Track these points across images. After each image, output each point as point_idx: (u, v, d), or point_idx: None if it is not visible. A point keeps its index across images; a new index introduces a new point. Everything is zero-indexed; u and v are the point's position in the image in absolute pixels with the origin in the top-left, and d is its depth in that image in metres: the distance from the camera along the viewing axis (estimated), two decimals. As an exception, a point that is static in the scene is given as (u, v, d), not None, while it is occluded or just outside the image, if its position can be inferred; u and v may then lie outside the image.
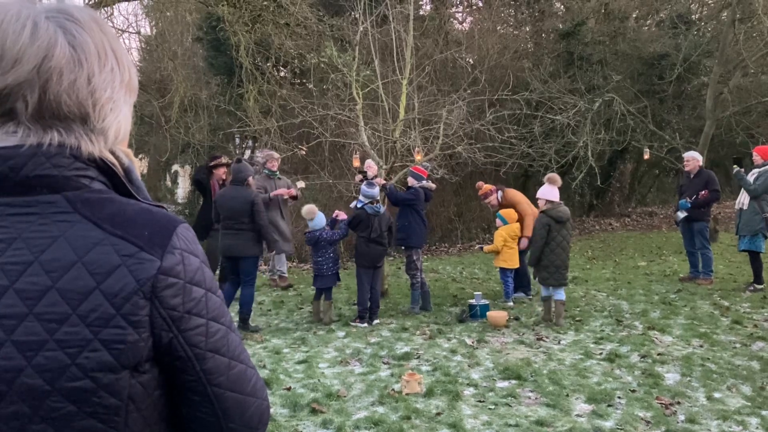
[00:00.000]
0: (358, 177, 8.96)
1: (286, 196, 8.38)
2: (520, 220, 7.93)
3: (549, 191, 6.88)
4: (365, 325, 6.90)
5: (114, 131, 0.97)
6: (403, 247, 7.98)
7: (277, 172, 8.66)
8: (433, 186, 8.03)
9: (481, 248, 8.48)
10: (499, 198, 8.18)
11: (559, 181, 7.14)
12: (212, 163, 8.05)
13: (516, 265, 7.86)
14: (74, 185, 0.92)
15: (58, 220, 0.90)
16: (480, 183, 8.43)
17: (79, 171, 0.93)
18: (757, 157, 8.39)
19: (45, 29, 0.89)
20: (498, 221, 8.02)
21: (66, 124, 0.92)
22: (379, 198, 7.17)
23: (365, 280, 7.04)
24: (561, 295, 6.84)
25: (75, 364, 0.86)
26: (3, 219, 0.90)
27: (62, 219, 0.90)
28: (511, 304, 7.77)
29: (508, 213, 7.94)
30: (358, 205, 7.16)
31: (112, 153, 0.98)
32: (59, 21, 0.91)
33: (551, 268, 6.72)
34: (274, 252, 8.74)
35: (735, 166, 8.82)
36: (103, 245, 0.89)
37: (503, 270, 7.94)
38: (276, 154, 8.74)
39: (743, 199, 8.32)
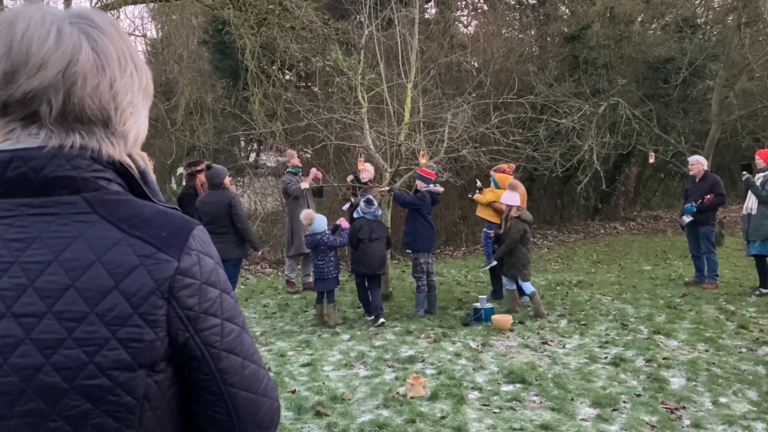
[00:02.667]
0: (350, 178, 9.00)
1: (311, 179, 8.74)
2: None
3: (513, 197, 7.37)
4: (372, 317, 7.11)
5: (134, 135, 0.99)
6: (409, 251, 8.00)
7: (301, 169, 9.08)
8: (441, 189, 8.02)
9: (477, 190, 8.47)
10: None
11: (521, 187, 7.74)
12: (197, 168, 8.00)
13: (498, 221, 7.96)
14: (93, 186, 0.94)
15: (77, 220, 0.91)
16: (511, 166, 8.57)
17: (97, 173, 0.94)
18: (759, 161, 8.34)
19: (69, 35, 0.91)
20: (492, 183, 8.25)
21: (88, 127, 0.93)
22: (379, 212, 7.33)
23: (362, 284, 7.28)
24: (531, 288, 7.41)
25: (93, 362, 0.88)
26: (23, 219, 0.91)
27: (81, 219, 0.92)
28: (494, 263, 7.90)
29: (502, 178, 8.08)
30: (356, 216, 7.33)
31: (129, 156, 1.00)
32: (82, 27, 0.93)
33: (526, 264, 7.36)
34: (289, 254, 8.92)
35: (744, 172, 8.69)
36: (121, 245, 0.91)
37: (489, 225, 8.14)
38: (295, 153, 9.14)
39: (751, 203, 8.27)
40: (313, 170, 9.08)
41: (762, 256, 8.22)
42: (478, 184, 8.53)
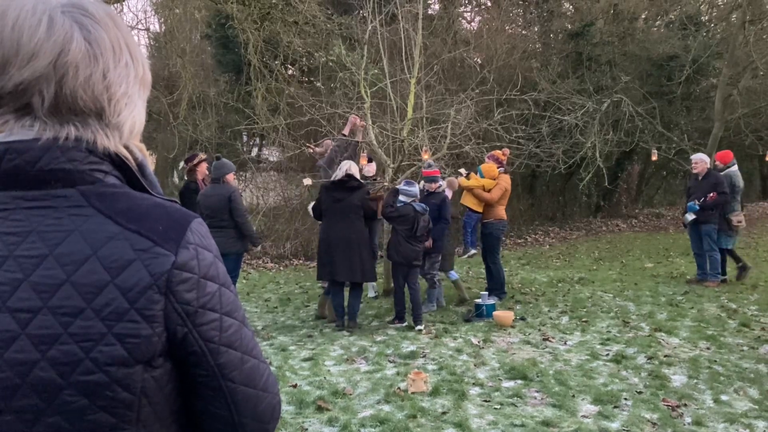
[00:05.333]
0: (365, 160, 8.60)
1: (350, 127, 8.05)
2: (487, 190, 7.99)
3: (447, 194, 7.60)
4: (404, 324, 6.83)
5: (129, 126, 0.97)
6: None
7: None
8: (444, 185, 7.97)
9: (462, 175, 8.38)
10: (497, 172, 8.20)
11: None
12: (194, 163, 7.88)
13: (480, 210, 8.01)
14: (88, 179, 0.92)
15: (73, 213, 0.90)
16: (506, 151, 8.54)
17: (93, 165, 0.93)
18: (718, 164, 8.95)
19: (61, 24, 0.89)
20: (477, 174, 8.26)
21: (82, 118, 0.92)
22: (418, 196, 6.94)
23: (400, 278, 6.85)
24: (455, 275, 7.97)
25: (89, 357, 0.86)
26: (18, 212, 0.90)
27: (77, 213, 0.90)
28: (473, 251, 8.15)
29: (488, 168, 8.08)
30: (398, 204, 6.86)
31: (126, 148, 0.98)
32: (75, 16, 0.91)
33: (449, 255, 7.73)
34: None
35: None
36: (117, 239, 0.89)
37: (468, 214, 8.13)
38: (332, 144, 8.36)
39: None
40: (352, 118, 8.23)
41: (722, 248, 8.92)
42: (463, 171, 8.47)
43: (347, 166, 6.76)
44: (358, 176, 6.78)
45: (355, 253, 6.57)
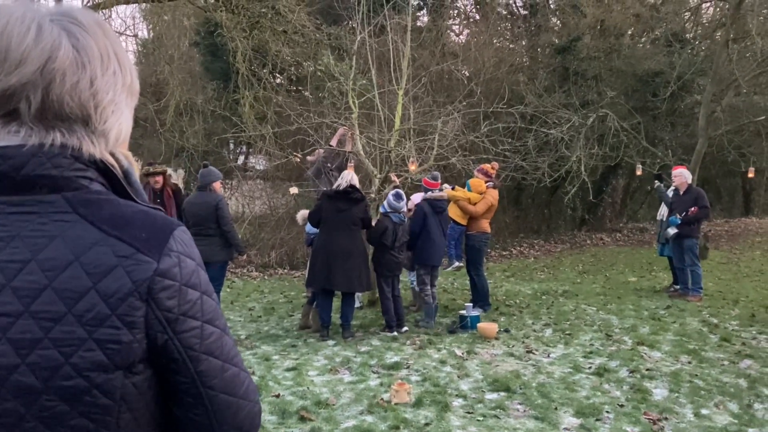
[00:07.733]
0: (352, 170, 8.61)
1: (338, 138, 8.27)
2: (473, 203, 8.04)
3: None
4: (395, 333, 6.87)
5: (115, 133, 0.98)
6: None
7: None
8: (444, 195, 7.93)
9: (449, 187, 8.40)
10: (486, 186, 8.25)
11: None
12: (151, 172, 7.56)
13: (464, 223, 8.07)
14: (74, 186, 0.93)
15: (57, 219, 0.90)
16: (495, 165, 8.59)
17: (78, 172, 0.93)
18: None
19: (49, 32, 0.90)
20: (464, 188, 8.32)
21: (68, 125, 0.92)
22: (405, 209, 7.07)
23: (386, 289, 6.98)
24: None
25: (69, 363, 0.86)
26: (2, 217, 0.90)
27: (61, 219, 0.91)
28: (458, 264, 8.27)
29: (476, 183, 8.15)
30: (381, 212, 7.06)
31: (112, 155, 0.98)
32: (63, 24, 0.92)
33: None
34: None
35: (656, 181, 9.69)
36: (100, 246, 0.90)
37: (453, 227, 8.12)
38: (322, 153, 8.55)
39: (663, 211, 9.32)
40: (341, 129, 8.48)
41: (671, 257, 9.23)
42: (446, 186, 8.50)
43: (349, 177, 6.81)
44: (359, 187, 6.83)
45: (354, 263, 6.64)
